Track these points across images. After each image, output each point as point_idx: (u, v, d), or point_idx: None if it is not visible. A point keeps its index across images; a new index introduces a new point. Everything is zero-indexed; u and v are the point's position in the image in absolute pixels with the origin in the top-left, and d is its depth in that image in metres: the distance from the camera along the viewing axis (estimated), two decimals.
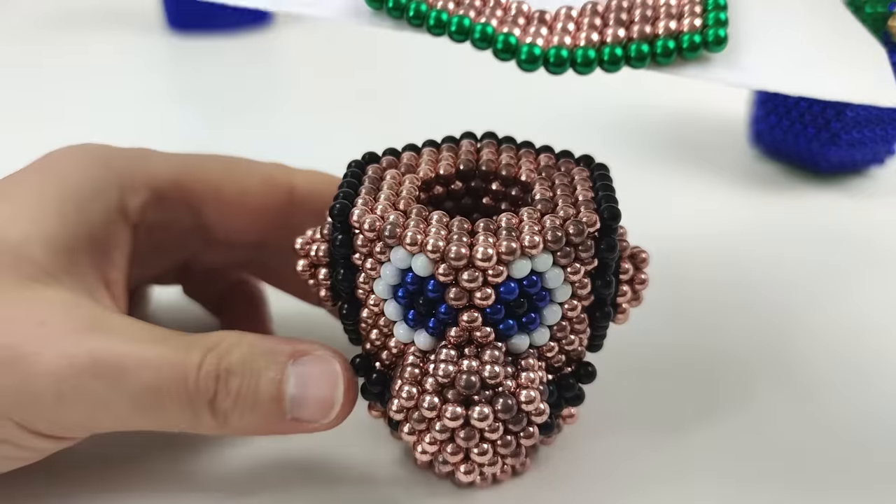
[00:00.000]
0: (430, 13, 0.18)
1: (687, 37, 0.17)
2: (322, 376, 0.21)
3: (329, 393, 0.21)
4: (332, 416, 0.21)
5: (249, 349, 0.20)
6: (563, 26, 0.18)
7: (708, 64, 0.17)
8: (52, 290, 0.20)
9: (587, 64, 0.17)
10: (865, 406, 0.26)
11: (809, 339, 0.29)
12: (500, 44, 0.17)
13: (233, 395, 0.20)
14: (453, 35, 0.17)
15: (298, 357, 0.21)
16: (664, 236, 0.28)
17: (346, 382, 0.21)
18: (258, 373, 0.20)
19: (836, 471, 0.24)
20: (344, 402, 0.21)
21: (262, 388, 0.20)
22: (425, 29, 0.18)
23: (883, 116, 0.38)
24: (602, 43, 0.17)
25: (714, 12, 0.18)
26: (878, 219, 0.38)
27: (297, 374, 0.21)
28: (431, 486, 0.23)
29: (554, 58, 0.17)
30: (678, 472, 0.23)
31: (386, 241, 0.19)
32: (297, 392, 0.21)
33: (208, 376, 0.20)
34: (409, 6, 0.18)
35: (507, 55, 0.17)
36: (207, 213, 0.25)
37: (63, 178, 0.22)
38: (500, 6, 0.18)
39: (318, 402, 0.21)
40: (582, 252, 0.20)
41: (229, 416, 0.20)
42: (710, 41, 0.17)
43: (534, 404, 0.20)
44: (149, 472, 0.23)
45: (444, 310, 0.19)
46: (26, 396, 0.19)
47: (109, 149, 0.24)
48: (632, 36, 0.17)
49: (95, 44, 0.61)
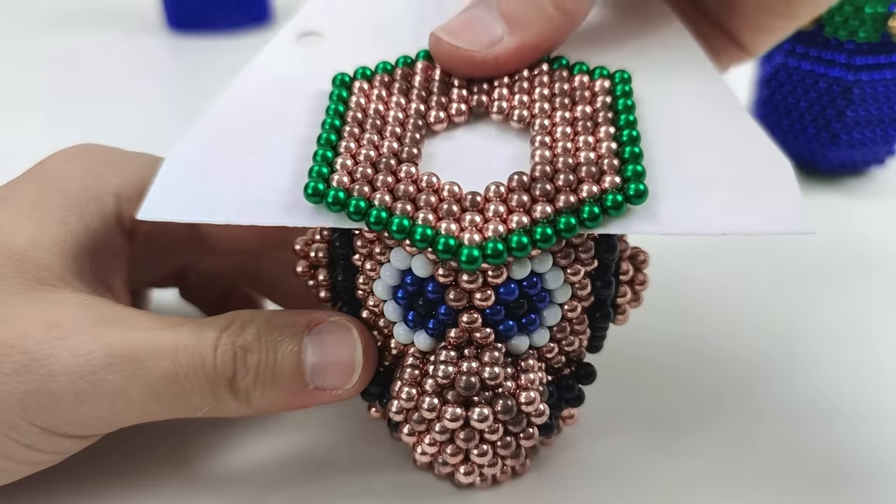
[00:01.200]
0: (370, 211, 0.18)
1: (610, 196, 0.18)
2: (340, 342, 0.21)
3: (349, 357, 0.21)
4: (353, 380, 0.21)
5: (265, 325, 0.20)
6: (494, 209, 0.18)
7: (629, 218, 0.18)
8: (62, 293, 0.20)
9: (521, 249, 0.18)
10: (866, 406, 0.26)
11: (809, 340, 0.29)
12: (441, 245, 0.18)
13: (252, 372, 0.20)
14: (394, 234, 0.18)
15: (313, 326, 0.21)
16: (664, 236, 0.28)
17: (365, 345, 0.21)
18: (275, 346, 0.20)
19: (837, 471, 0.24)
20: (364, 364, 0.21)
21: (281, 361, 0.20)
22: (365, 226, 0.18)
23: (883, 117, 0.38)
24: (533, 222, 0.18)
25: (632, 165, 0.18)
26: (879, 219, 0.38)
27: (315, 342, 0.21)
28: (431, 487, 0.23)
29: (492, 251, 0.18)
30: (678, 473, 0.23)
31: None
32: (316, 360, 0.20)
33: (225, 356, 0.20)
34: (350, 202, 0.18)
35: (447, 255, 0.18)
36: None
37: (62, 185, 0.22)
38: (434, 192, 0.19)
39: (339, 368, 0.21)
40: (582, 253, 0.20)
41: (251, 395, 0.20)
42: (632, 195, 0.18)
43: (534, 405, 0.20)
44: (149, 472, 0.23)
45: (444, 311, 0.19)
46: (46, 399, 0.19)
47: (106, 153, 0.24)
48: (559, 208, 0.18)
49: (95, 43, 0.61)
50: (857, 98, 0.37)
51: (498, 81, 0.21)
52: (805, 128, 0.39)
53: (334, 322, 0.21)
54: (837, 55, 0.37)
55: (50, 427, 0.19)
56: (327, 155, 0.19)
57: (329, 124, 0.20)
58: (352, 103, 0.21)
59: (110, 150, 0.24)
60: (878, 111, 0.38)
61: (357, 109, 0.20)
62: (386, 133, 0.20)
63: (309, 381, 0.20)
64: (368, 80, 0.21)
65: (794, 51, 0.39)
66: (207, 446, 0.24)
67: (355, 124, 0.20)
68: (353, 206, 0.18)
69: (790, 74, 0.39)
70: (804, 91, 0.39)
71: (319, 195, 0.18)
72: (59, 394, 0.19)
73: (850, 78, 0.37)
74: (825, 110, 0.38)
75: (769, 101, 0.40)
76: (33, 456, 0.20)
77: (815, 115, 0.39)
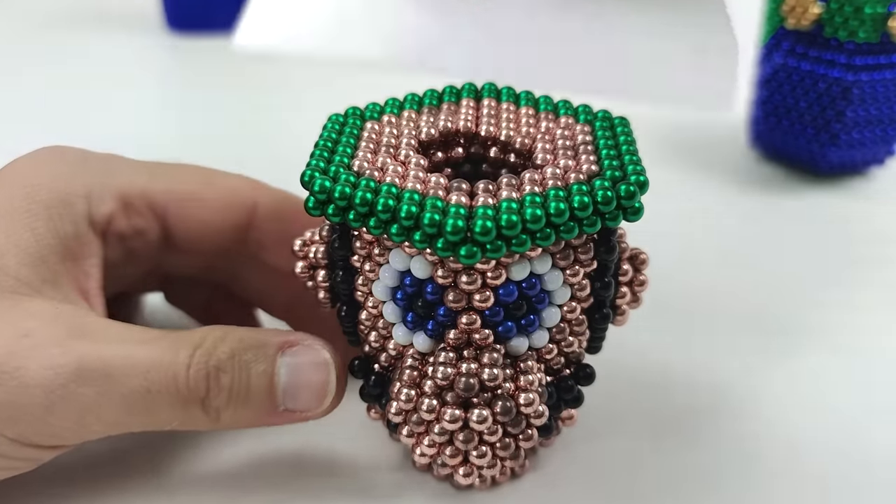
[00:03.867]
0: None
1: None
2: (313, 365, 0.21)
3: (322, 380, 0.21)
4: (325, 403, 0.21)
5: (238, 343, 0.20)
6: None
7: None
8: (33, 301, 0.20)
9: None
10: (867, 406, 0.26)
11: (810, 340, 0.29)
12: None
13: (225, 392, 0.20)
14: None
15: (287, 348, 0.21)
16: (664, 237, 0.28)
17: (338, 370, 0.21)
18: (248, 367, 0.20)
19: (837, 472, 0.24)
20: (336, 389, 0.21)
21: (253, 383, 0.20)
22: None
23: (882, 117, 0.38)
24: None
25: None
26: (878, 219, 0.38)
27: (288, 364, 0.21)
28: (430, 488, 0.23)
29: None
30: (677, 473, 0.23)
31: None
32: (289, 382, 0.21)
33: (198, 375, 0.20)
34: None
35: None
36: (170, 222, 0.24)
37: (30, 190, 0.22)
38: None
39: (311, 391, 0.21)
40: (581, 254, 0.20)
41: (222, 413, 0.20)
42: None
43: (533, 406, 0.20)
44: (145, 471, 0.23)
45: (443, 312, 0.19)
46: (16, 411, 0.19)
47: (73, 154, 0.24)
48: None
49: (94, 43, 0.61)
50: (856, 98, 0.37)
51: None
52: (805, 128, 0.39)
53: (308, 345, 0.21)
54: (837, 56, 0.37)
55: (19, 438, 0.19)
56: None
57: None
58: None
59: (77, 151, 0.24)
60: (878, 111, 0.38)
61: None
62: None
63: (280, 402, 0.21)
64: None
65: (794, 51, 0.39)
66: (202, 446, 0.24)
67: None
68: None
69: (790, 75, 0.39)
70: (804, 91, 0.39)
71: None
72: (29, 406, 0.19)
73: (850, 78, 0.37)
74: (825, 111, 0.38)
75: (769, 101, 0.40)
76: (4, 462, 0.20)
77: (814, 116, 0.39)
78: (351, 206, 0.18)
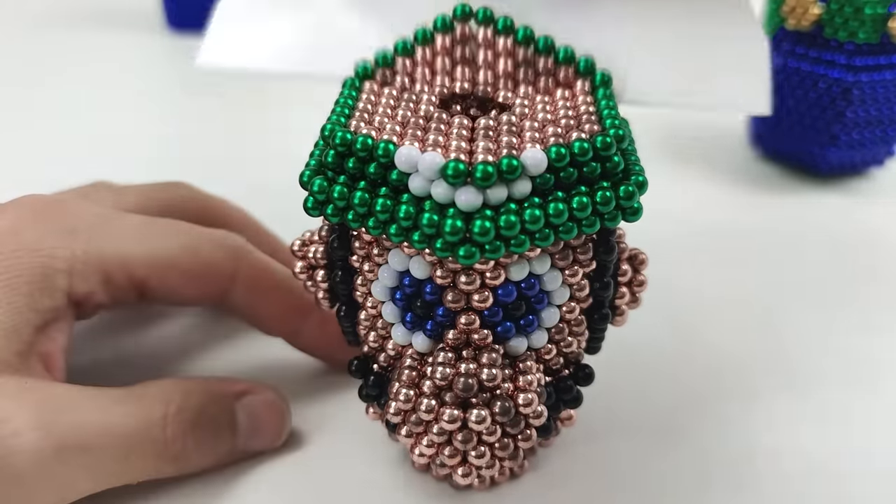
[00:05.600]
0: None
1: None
2: (269, 409, 0.24)
3: (279, 421, 0.24)
4: (282, 439, 0.24)
5: (204, 395, 0.22)
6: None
7: None
8: (2, 378, 0.20)
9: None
10: (866, 407, 0.26)
11: (810, 341, 0.29)
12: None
13: (198, 445, 0.22)
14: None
15: (241, 397, 0.23)
16: (663, 238, 0.28)
17: (287, 407, 0.24)
18: (216, 419, 0.22)
19: (837, 472, 0.24)
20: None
21: (221, 432, 0.22)
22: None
23: (882, 118, 0.38)
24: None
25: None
26: (878, 220, 0.38)
27: (247, 411, 0.23)
28: (429, 489, 0.23)
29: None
30: (676, 474, 0.23)
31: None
32: (248, 426, 0.23)
33: (175, 433, 0.21)
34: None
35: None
36: (149, 288, 0.24)
37: (9, 262, 0.22)
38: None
39: (270, 433, 0.24)
40: (580, 254, 0.20)
41: (190, 462, 0.22)
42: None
43: (532, 407, 0.20)
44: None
45: (442, 312, 0.19)
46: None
47: (56, 214, 0.23)
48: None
49: (95, 43, 0.61)
50: (856, 99, 0.37)
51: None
52: (805, 128, 0.39)
53: (260, 392, 0.24)
54: (837, 56, 0.37)
55: None
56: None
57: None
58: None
59: (60, 209, 0.23)
60: (878, 112, 0.38)
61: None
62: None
63: (242, 445, 0.23)
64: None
65: (794, 52, 0.39)
66: None
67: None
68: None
69: (790, 76, 0.39)
70: (804, 92, 0.39)
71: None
72: (6, 489, 0.19)
73: (850, 79, 0.37)
74: (825, 111, 0.38)
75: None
76: None
77: (814, 117, 0.39)
78: (350, 207, 0.18)
